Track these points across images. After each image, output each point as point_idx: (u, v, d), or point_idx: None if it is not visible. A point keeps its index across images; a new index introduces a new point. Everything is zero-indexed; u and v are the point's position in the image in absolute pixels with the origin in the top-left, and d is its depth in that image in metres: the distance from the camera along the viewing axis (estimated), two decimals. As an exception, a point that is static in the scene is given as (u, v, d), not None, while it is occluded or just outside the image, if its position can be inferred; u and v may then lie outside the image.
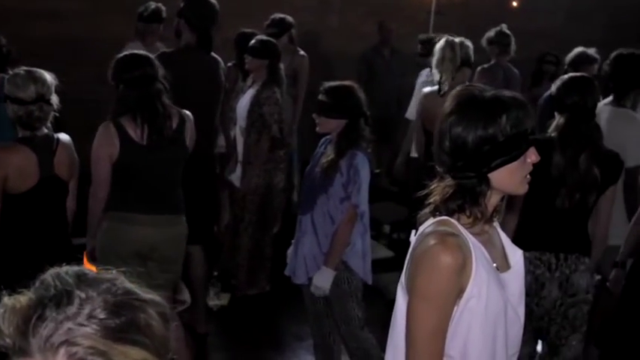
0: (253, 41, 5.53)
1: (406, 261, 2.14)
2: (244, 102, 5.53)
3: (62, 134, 3.91)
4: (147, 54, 4.12)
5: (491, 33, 6.66)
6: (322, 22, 8.95)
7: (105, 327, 1.06)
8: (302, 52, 7.03)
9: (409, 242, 2.19)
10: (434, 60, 5.20)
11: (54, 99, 3.76)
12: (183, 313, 5.13)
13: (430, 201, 2.13)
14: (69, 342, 1.04)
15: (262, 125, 5.40)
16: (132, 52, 4.09)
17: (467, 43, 5.23)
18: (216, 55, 5.36)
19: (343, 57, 8.54)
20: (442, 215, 2.10)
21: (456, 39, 5.22)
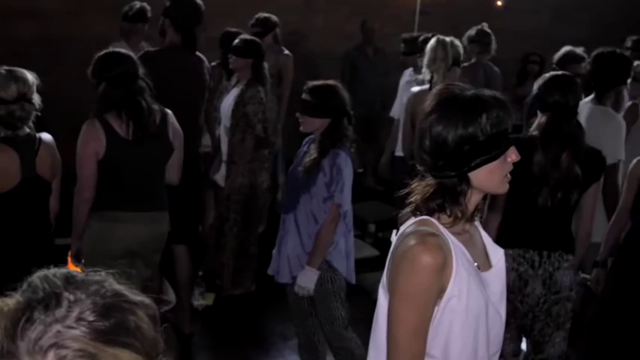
0: (237, 40, 5.52)
1: (387, 261, 2.14)
2: (228, 101, 5.52)
3: (44, 134, 3.89)
4: (127, 52, 4.14)
5: (472, 32, 6.69)
6: (307, 22, 8.95)
7: (94, 329, 1.05)
8: (286, 52, 7.03)
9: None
10: (425, 59, 5.22)
11: (36, 98, 3.74)
12: (168, 313, 5.12)
13: (411, 200, 2.13)
14: (58, 345, 1.03)
15: (246, 124, 5.39)
16: (112, 50, 4.12)
17: (457, 43, 5.28)
18: (200, 55, 5.36)
19: (328, 56, 8.55)
20: (423, 215, 2.10)
21: (447, 38, 5.25)
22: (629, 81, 5.15)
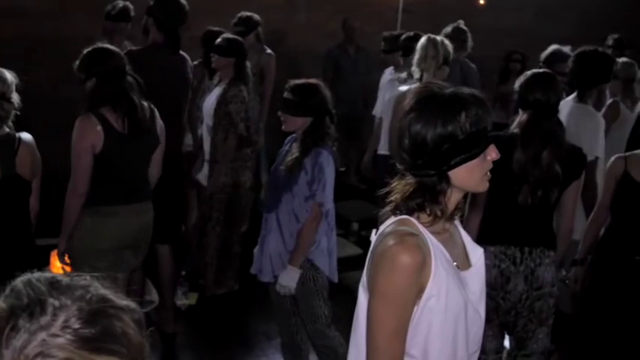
0: (220, 39, 5.51)
1: (367, 260, 2.14)
2: (211, 100, 5.51)
3: (24, 133, 3.87)
4: (115, 48, 4.17)
5: (448, 29, 6.69)
6: (289, 21, 8.94)
7: (80, 337, 1.04)
8: (269, 51, 7.03)
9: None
10: (415, 58, 5.22)
11: (15, 97, 3.73)
12: (151, 313, 5.11)
13: (391, 199, 2.13)
14: (44, 354, 1.02)
15: (229, 123, 5.38)
16: (102, 46, 4.14)
17: (447, 42, 5.27)
18: (184, 54, 5.34)
19: (311, 55, 8.55)
20: (402, 214, 2.10)
21: (438, 37, 5.26)
22: None
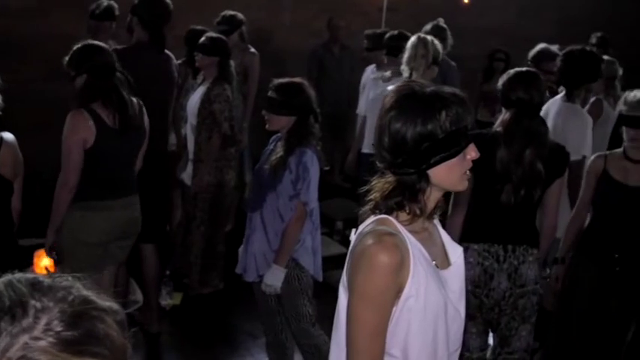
0: (203, 38, 5.51)
1: (346, 260, 2.14)
2: (195, 99, 5.50)
3: (6, 133, 3.84)
4: (104, 44, 4.20)
5: (427, 27, 6.70)
6: (274, 19, 8.93)
7: (62, 340, 1.03)
8: (253, 50, 7.02)
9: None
10: (405, 56, 5.21)
11: (-3, 98, 3.71)
12: (135, 313, 5.10)
13: (370, 198, 2.13)
14: (26, 358, 1.01)
15: (213, 123, 5.37)
16: (91, 42, 4.17)
17: (437, 42, 5.28)
18: (169, 52, 5.34)
19: (295, 54, 8.54)
20: (382, 213, 2.10)
21: (428, 37, 5.26)
22: None
